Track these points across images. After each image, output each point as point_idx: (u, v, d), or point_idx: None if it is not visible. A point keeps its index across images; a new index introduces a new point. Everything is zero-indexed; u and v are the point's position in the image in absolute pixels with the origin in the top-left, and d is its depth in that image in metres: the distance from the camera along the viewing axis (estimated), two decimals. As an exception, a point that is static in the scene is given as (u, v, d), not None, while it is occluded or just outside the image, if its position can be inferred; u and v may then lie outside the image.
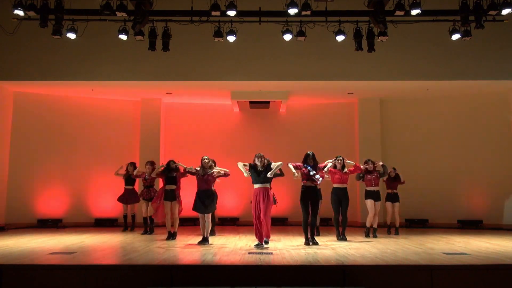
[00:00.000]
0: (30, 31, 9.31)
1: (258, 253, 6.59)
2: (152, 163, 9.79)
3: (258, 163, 7.38)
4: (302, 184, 7.76)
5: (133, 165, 10.45)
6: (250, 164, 7.39)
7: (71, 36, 8.51)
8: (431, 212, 11.80)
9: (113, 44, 9.67)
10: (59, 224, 11.35)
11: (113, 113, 12.44)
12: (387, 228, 9.59)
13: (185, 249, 7.14)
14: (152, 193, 9.73)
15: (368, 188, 8.98)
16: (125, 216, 10.34)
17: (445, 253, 6.50)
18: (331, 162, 8.33)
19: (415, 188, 11.72)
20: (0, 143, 11.02)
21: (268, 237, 7.50)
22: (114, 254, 6.70)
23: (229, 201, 11.94)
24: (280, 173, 8.00)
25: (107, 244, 7.80)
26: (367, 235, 8.86)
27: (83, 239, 8.63)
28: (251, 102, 12.14)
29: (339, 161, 8.59)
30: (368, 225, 8.92)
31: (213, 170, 7.93)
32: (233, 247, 7.30)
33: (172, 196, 8.42)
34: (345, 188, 8.50)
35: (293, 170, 7.61)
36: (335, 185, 8.50)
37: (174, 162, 8.61)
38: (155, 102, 12.33)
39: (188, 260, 6.00)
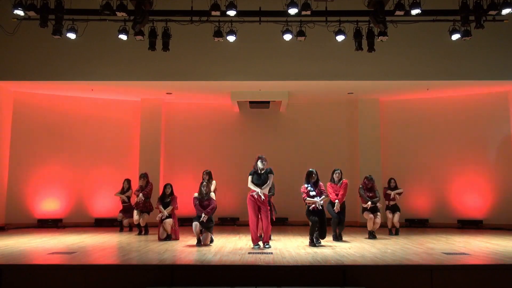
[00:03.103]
0: (30, 31, 9.31)
1: (258, 253, 6.59)
2: (145, 176, 9.74)
3: (260, 165, 7.41)
4: (306, 204, 7.68)
5: (128, 182, 10.42)
6: (252, 171, 7.48)
7: (71, 36, 8.50)
8: (431, 212, 11.80)
9: (113, 44, 9.66)
10: (59, 224, 11.36)
11: (113, 113, 12.44)
12: (389, 230, 9.55)
13: (185, 249, 7.14)
14: (148, 206, 9.65)
15: (364, 205, 8.88)
16: (120, 221, 10.32)
17: (445, 253, 6.50)
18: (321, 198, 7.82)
19: (415, 188, 11.73)
20: (0, 143, 11.02)
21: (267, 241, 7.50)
22: (114, 254, 6.70)
23: (229, 201, 11.93)
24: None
25: (107, 244, 7.80)
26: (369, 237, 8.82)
27: (83, 239, 8.64)
28: (251, 102, 12.14)
29: (337, 174, 8.45)
30: (369, 229, 8.84)
31: (211, 194, 8.06)
32: (233, 247, 7.30)
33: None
34: (343, 203, 8.33)
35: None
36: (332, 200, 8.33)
37: (170, 187, 8.83)
38: (155, 102, 12.33)
39: (188, 260, 6.00)
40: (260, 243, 7.44)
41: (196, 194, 7.98)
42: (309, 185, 7.69)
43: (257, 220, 7.51)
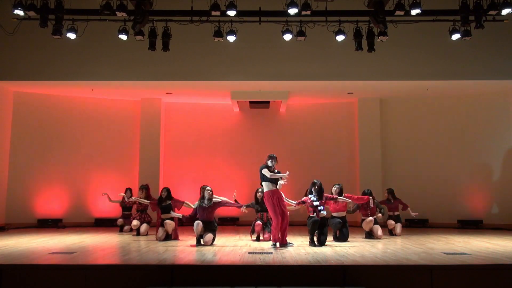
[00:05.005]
0: (30, 31, 9.31)
1: (258, 253, 6.59)
2: (146, 188, 9.58)
3: (271, 164, 7.36)
4: (308, 215, 7.64)
5: (129, 190, 10.35)
6: (265, 166, 7.33)
7: (71, 36, 8.51)
8: (431, 212, 11.79)
9: (113, 44, 9.67)
10: (59, 224, 11.36)
11: (113, 113, 12.45)
12: (389, 230, 9.54)
13: (185, 249, 7.14)
14: (146, 217, 9.59)
15: (364, 218, 8.79)
16: (121, 226, 10.30)
17: (445, 253, 6.50)
18: (343, 199, 8.10)
19: (415, 188, 11.73)
20: (0, 143, 11.02)
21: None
22: (114, 254, 6.69)
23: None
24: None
25: (107, 244, 7.80)
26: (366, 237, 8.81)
27: (83, 239, 8.63)
28: (251, 102, 12.15)
29: (337, 188, 8.32)
30: (366, 229, 8.81)
31: (216, 199, 7.84)
32: (233, 247, 7.30)
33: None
34: (344, 217, 8.27)
35: (291, 203, 7.74)
36: (333, 214, 8.30)
37: (168, 191, 8.63)
38: (155, 102, 12.33)
39: (188, 260, 6.00)
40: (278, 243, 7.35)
41: (196, 204, 7.89)
42: (313, 195, 7.63)
43: (279, 218, 7.28)
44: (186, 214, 8.14)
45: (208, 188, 7.85)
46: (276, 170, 7.42)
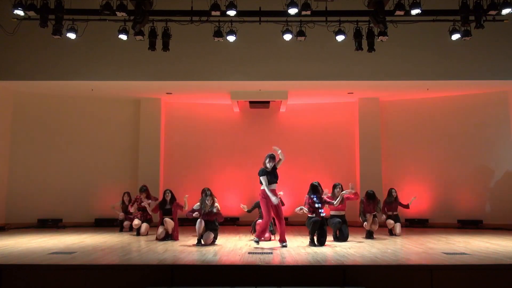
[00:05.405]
0: (30, 31, 9.31)
1: (258, 253, 6.59)
2: (145, 189, 9.59)
3: (268, 165, 7.37)
4: (308, 215, 7.65)
5: (129, 195, 10.36)
6: (264, 170, 7.37)
7: (71, 36, 8.51)
8: (431, 212, 11.80)
9: (113, 44, 9.68)
10: (59, 224, 11.36)
11: (113, 113, 12.44)
12: (389, 230, 9.54)
13: (185, 249, 7.14)
14: (147, 215, 9.56)
15: (365, 226, 8.80)
16: (121, 221, 10.30)
17: (445, 253, 6.50)
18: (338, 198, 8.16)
19: (415, 188, 11.72)
20: (0, 143, 11.02)
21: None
22: (114, 254, 6.69)
23: (229, 201, 11.93)
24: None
25: (107, 244, 7.80)
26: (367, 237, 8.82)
27: (83, 239, 8.63)
28: (251, 102, 12.14)
29: (338, 189, 8.35)
30: (367, 228, 8.83)
31: (215, 205, 7.87)
32: (233, 247, 7.30)
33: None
34: (343, 216, 8.31)
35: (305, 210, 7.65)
36: (332, 213, 8.34)
37: (170, 192, 8.64)
38: (155, 102, 12.33)
39: (188, 260, 6.00)
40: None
41: (196, 206, 7.87)
42: (315, 196, 7.64)
43: (270, 216, 7.37)
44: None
45: (209, 193, 7.89)
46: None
